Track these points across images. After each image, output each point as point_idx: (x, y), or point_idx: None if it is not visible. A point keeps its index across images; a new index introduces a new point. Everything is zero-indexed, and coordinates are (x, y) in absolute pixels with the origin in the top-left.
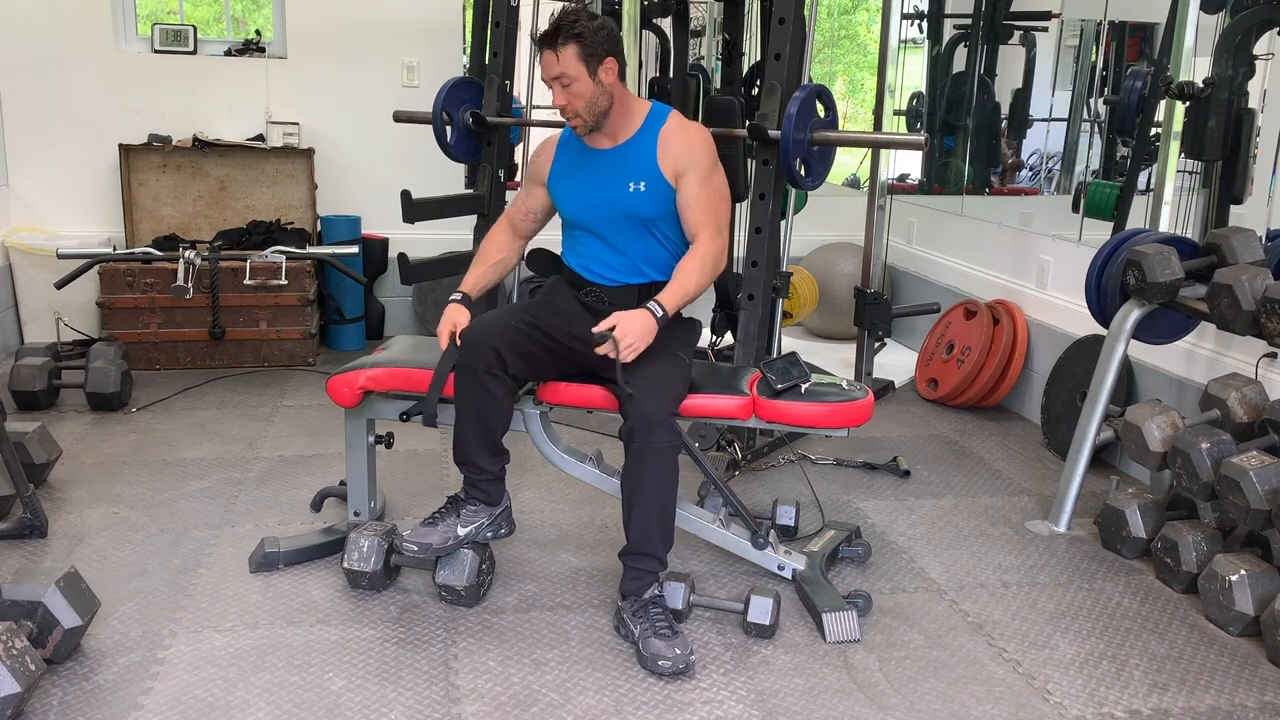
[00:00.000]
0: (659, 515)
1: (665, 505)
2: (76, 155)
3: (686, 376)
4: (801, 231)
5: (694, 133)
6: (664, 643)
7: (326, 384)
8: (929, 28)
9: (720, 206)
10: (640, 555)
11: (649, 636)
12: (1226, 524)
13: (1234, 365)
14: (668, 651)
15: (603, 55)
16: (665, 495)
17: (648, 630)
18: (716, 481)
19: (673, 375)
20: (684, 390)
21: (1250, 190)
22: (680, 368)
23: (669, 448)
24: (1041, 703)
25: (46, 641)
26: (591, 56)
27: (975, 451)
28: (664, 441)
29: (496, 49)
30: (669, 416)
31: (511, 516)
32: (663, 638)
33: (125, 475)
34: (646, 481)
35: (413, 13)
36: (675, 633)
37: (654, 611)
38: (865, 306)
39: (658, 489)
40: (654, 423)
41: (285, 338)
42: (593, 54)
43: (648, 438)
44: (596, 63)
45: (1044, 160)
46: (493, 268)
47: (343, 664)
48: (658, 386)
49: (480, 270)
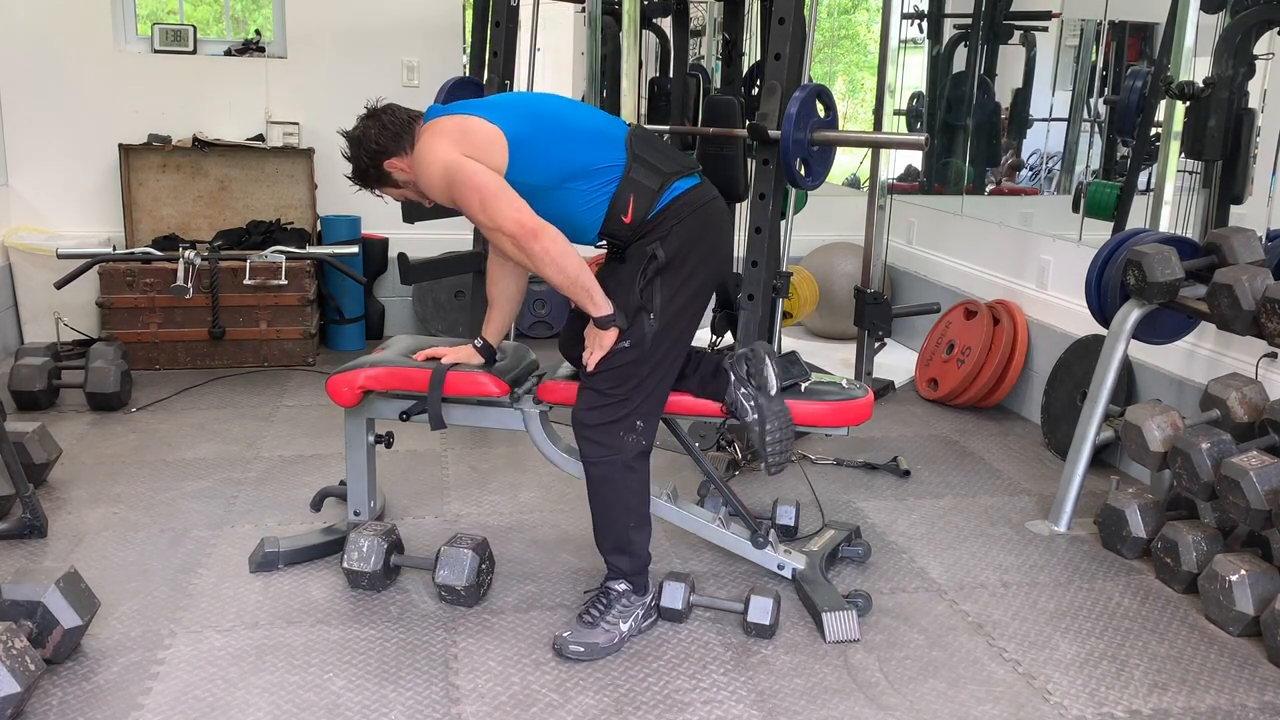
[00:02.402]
0: (600, 522)
1: (605, 514)
2: (76, 155)
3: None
4: (801, 231)
5: (415, 163)
6: (579, 625)
7: (326, 384)
8: (929, 27)
9: (464, 202)
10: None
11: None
12: (1226, 524)
13: (1234, 365)
14: (575, 636)
15: (381, 167)
16: (603, 505)
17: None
18: (716, 481)
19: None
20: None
21: (1250, 190)
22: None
23: (604, 463)
24: (1041, 703)
25: (46, 641)
26: (381, 181)
27: (975, 451)
28: (597, 457)
29: (496, 49)
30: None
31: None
32: (584, 623)
33: (125, 475)
34: (592, 494)
35: (413, 13)
36: (594, 622)
37: (596, 598)
38: (865, 306)
39: (600, 503)
40: (586, 438)
41: (285, 338)
42: (378, 178)
43: (579, 444)
44: (386, 176)
45: (1044, 160)
46: (502, 306)
47: (343, 664)
48: (589, 386)
49: (494, 314)
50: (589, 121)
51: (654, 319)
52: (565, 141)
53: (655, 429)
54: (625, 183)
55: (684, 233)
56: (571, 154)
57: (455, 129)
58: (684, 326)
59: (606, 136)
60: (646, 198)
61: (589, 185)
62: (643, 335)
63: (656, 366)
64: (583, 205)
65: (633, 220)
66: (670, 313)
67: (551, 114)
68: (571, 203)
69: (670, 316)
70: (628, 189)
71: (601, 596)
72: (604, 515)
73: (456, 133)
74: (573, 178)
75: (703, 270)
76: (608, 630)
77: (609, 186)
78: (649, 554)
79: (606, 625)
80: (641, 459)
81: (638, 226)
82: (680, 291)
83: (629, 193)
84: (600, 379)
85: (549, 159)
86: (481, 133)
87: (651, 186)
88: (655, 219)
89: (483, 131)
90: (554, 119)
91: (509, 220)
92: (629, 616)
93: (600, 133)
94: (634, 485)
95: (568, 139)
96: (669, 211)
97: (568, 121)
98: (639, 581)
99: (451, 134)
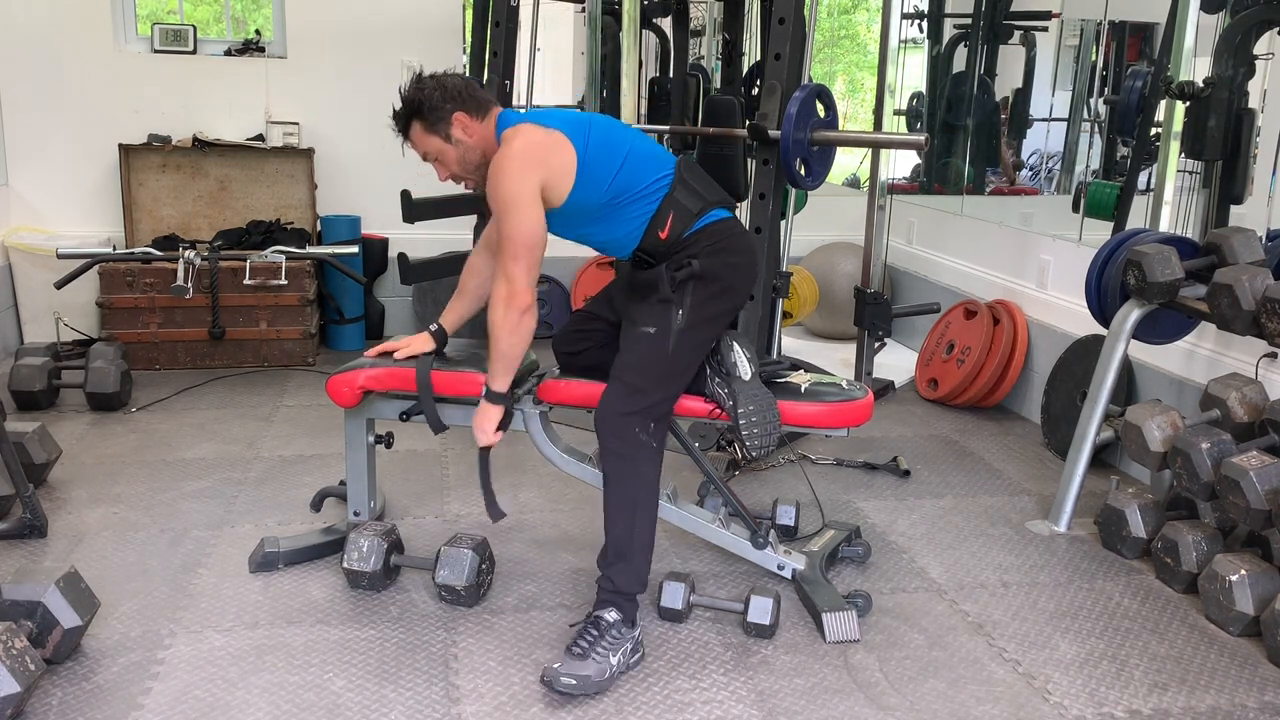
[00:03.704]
0: (610, 518)
1: (620, 514)
2: (76, 155)
3: (656, 364)
4: (801, 231)
5: (495, 164)
6: (568, 657)
7: (326, 384)
8: (929, 27)
9: (508, 238)
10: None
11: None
12: (1226, 524)
13: (1234, 365)
14: (566, 668)
15: (448, 115)
16: (619, 502)
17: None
18: (716, 481)
19: (633, 367)
20: (650, 382)
21: (1250, 190)
22: (646, 355)
23: (616, 454)
24: (1041, 703)
25: (46, 641)
26: (437, 123)
27: (975, 451)
28: (612, 447)
29: (496, 49)
30: (619, 419)
31: None
32: (573, 655)
33: (125, 475)
34: (605, 488)
35: (413, 13)
36: (584, 654)
37: (585, 628)
38: (865, 306)
39: (610, 497)
40: (604, 428)
41: (285, 338)
42: (437, 120)
43: (599, 437)
44: (445, 126)
45: (1044, 160)
46: (470, 297)
47: (343, 664)
48: (616, 378)
49: (459, 303)
50: (644, 145)
51: (681, 316)
52: (624, 164)
53: (665, 435)
54: (667, 201)
55: (716, 254)
56: (628, 177)
57: (545, 146)
58: (702, 339)
59: (659, 159)
60: (684, 219)
61: (636, 205)
62: (668, 326)
63: (674, 365)
64: (627, 221)
65: (669, 237)
66: (695, 319)
67: (619, 140)
68: (618, 218)
69: (695, 321)
70: (669, 207)
71: (591, 627)
72: (616, 512)
73: (543, 151)
74: (625, 197)
75: (728, 296)
76: (598, 662)
77: (652, 206)
78: (645, 576)
79: (597, 657)
80: (651, 451)
81: (672, 243)
82: (708, 303)
83: (669, 210)
84: (626, 370)
85: (609, 182)
86: (563, 158)
87: (691, 209)
88: (690, 239)
89: (564, 157)
90: (619, 144)
91: (518, 276)
92: (618, 649)
93: (653, 155)
94: (642, 476)
95: (627, 161)
96: (704, 233)
97: (628, 145)
98: (629, 609)
99: (538, 154)
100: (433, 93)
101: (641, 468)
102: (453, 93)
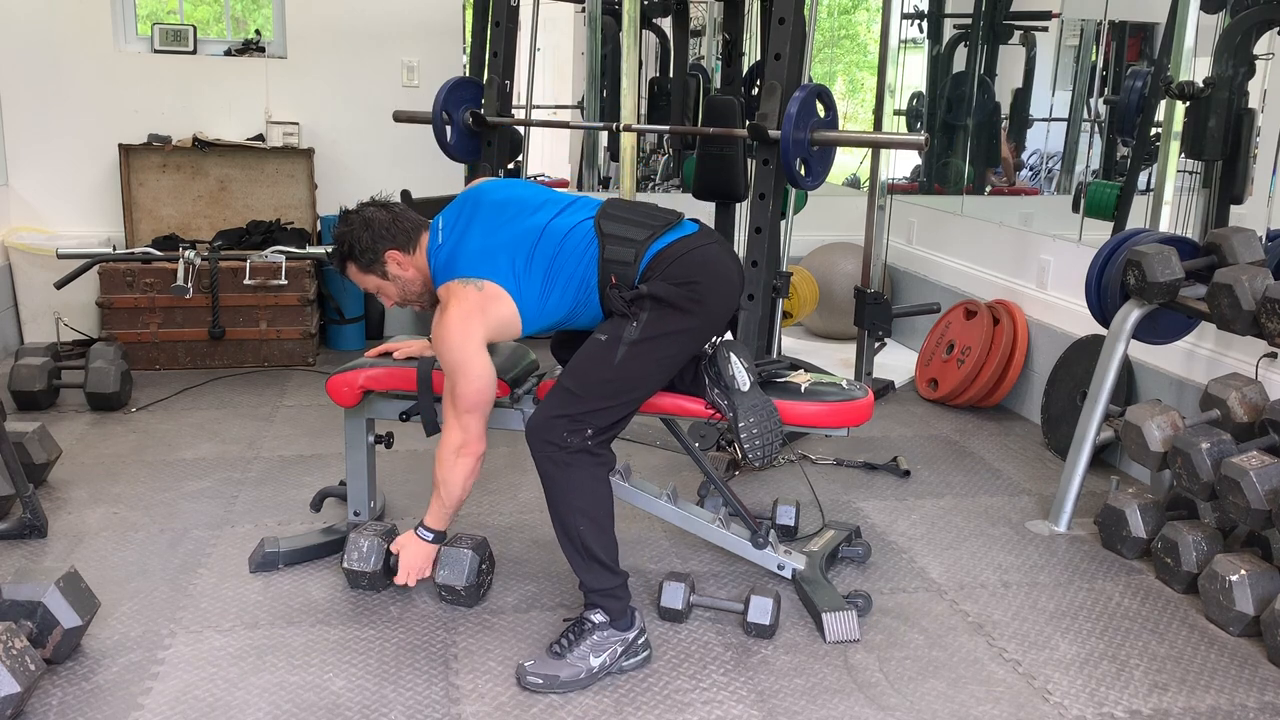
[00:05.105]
0: (557, 528)
1: (563, 521)
2: (76, 155)
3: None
4: (801, 231)
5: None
6: (545, 655)
7: (326, 384)
8: (929, 28)
9: (460, 397)
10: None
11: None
12: (1226, 524)
13: (1234, 365)
14: (536, 666)
15: (380, 255)
16: (553, 508)
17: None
18: (716, 481)
19: (572, 371)
20: (588, 388)
21: (1250, 190)
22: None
23: (543, 458)
24: (1041, 703)
25: (46, 641)
26: (371, 264)
27: (975, 451)
28: (537, 450)
29: (496, 49)
30: (545, 421)
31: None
32: (551, 653)
33: (125, 475)
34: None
35: (413, 13)
36: (560, 654)
37: (570, 627)
38: (865, 306)
39: (550, 507)
40: (529, 430)
41: (285, 338)
42: (371, 261)
43: (528, 443)
44: (380, 266)
45: (1044, 160)
46: None
47: (343, 664)
48: (556, 382)
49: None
50: (547, 216)
51: (635, 327)
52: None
53: (607, 443)
54: (602, 265)
55: (666, 280)
56: (560, 278)
57: (480, 306)
58: (661, 354)
59: (578, 234)
60: (625, 269)
61: (580, 290)
62: (619, 335)
63: (620, 375)
64: (585, 306)
65: (618, 285)
66: (651, 332)
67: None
68: (573, 312)
69: (650, 334)
70: (606, 270)
71: (575, 627)
72: (557, 520)
73: (480, 314)
74: (570, 295)
75: (689, 315)
76: (573, 665)
77: (593, 279)
78: (625, 582)
79: (574, 658)
80: (583, 456)
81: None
82: (667, 318)
83: (609, 272)
84: (566, 374)
85: (553, 302)
86: (500, 310)
87: (626, 259)
88: (642, 277)
89: (503, 309)
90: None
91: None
92: (603, 651)
93: (565, 227)
94: (577, 483)
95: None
96: (650, 268)
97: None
98: (616, 610)
99: (477, 317)
100: (361, 234)
101: (575, 475)
102: (380, 231)
